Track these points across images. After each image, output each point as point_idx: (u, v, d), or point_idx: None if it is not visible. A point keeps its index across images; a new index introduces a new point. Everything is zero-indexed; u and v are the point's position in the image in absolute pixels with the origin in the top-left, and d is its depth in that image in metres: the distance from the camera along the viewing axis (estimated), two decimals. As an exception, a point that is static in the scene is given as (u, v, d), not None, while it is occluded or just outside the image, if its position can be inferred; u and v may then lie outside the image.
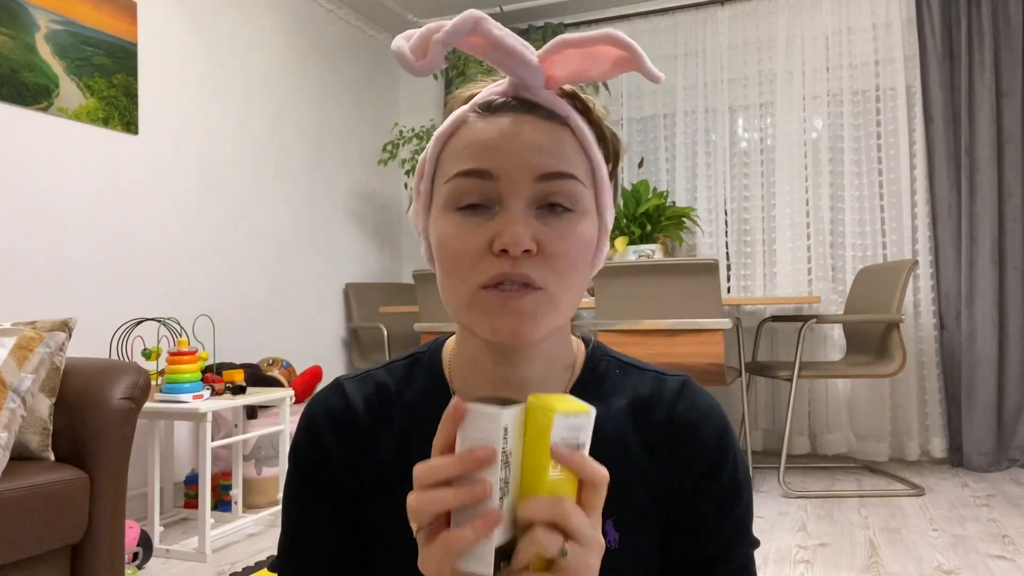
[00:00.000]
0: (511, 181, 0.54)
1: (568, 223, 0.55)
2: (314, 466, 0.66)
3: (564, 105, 0.57)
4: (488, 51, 0.54)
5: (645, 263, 2.87)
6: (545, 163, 0.54)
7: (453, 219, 0.55)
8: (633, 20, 4.06)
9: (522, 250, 0.52)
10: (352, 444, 0.65)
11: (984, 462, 3.25)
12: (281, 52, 3.57)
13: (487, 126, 0.56)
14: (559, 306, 0.56)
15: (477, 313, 0.55)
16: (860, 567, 2.13)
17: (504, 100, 0.57)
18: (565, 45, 0.54)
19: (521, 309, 0.53)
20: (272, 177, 3.48)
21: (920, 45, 3.50)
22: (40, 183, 2.41)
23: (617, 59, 0.55)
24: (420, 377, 0.67)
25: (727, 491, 0.63)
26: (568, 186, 0.55)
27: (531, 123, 0.55)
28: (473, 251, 0.54)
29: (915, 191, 3.50)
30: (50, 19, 2.43)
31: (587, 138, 0.57)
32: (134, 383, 1.80)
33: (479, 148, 0.55)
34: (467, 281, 0.54)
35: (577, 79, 0.57)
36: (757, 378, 3.67)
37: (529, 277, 0.53)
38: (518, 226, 0.52)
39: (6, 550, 1.50)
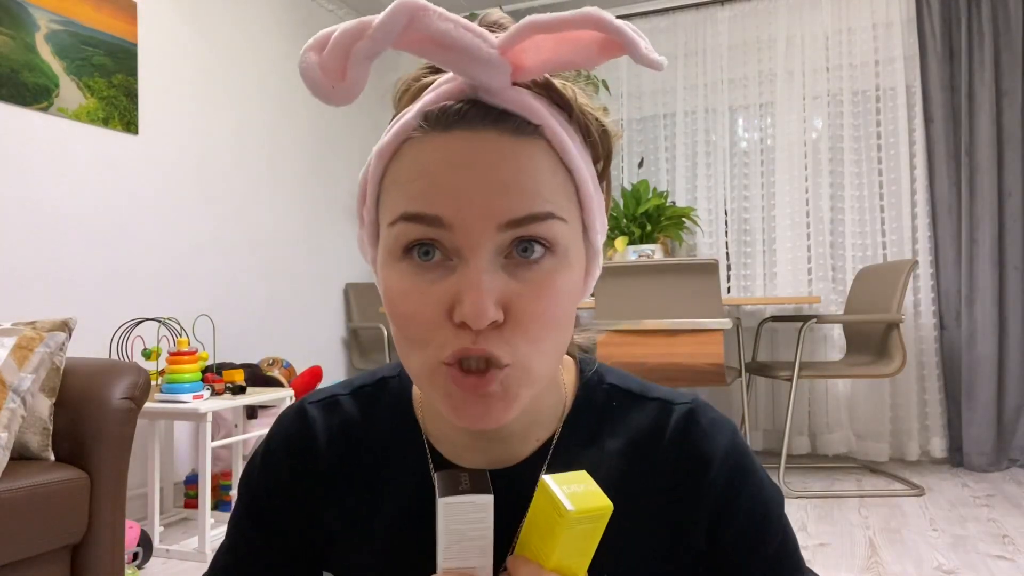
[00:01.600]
0: (468, 231, 0.42)
1: (544, 273, 0.44)
2: (263, 497, 0.59)
3: (536, 107, 0.45)
4: (430, 49, 0.42)
5: (645, 263, 2.87)
6: (511, 207, 0.43)
7: (401, 271, 0.45)
8: (633, 20, 4.06)
9: (487, 323, 0.42)
10: (310, 484, 0.58)
11: (984, 462, 3.25)
12: (281, 52, 3.57)
13: (436, 150, 0.44)
14: (538, 374, 0.46)
15: (440, 393, 0.45)
16: (860, 567, 2.13)
17: (458, 107, 0.44)
18: (534, 29, 0.42)
19: (486, 395, 0.44)
20: (272, 177, 3.48)
21: (920, 45, 3.50)
22: (40, 183, 2.41)
23: (603, 43, 0.43)
24: (389, 413, 0.58)
25: (752, 525, 0.54)
26: (543, 228, 0.44)
27: (493, 145, 0.43)
28: (428, 317, 0.43)
29: (915, 191, 3.50)
30: (50, 19, 2.43)
31: (567, 148, 0.46)
32: (134, 383, 1.80)
33: (425, 185, 0.43)
34: (425, 352, 0.45)
35: (553, 69, 0.45)
36: (757, 378, 3.67)
37: (494, 355, 0.43)
38: (480, 293, 0.41)
39: (6, 550, 1.50)
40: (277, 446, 0.59)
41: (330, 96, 0.43)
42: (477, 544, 0.46)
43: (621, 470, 0.54)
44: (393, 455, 0.57)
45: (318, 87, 0.43)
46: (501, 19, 0.50)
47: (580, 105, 0.49)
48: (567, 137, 0.46)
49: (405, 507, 0.55)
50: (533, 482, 0.48)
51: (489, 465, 0.54)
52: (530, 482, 0.49)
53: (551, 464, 0.54)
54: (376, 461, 0.57)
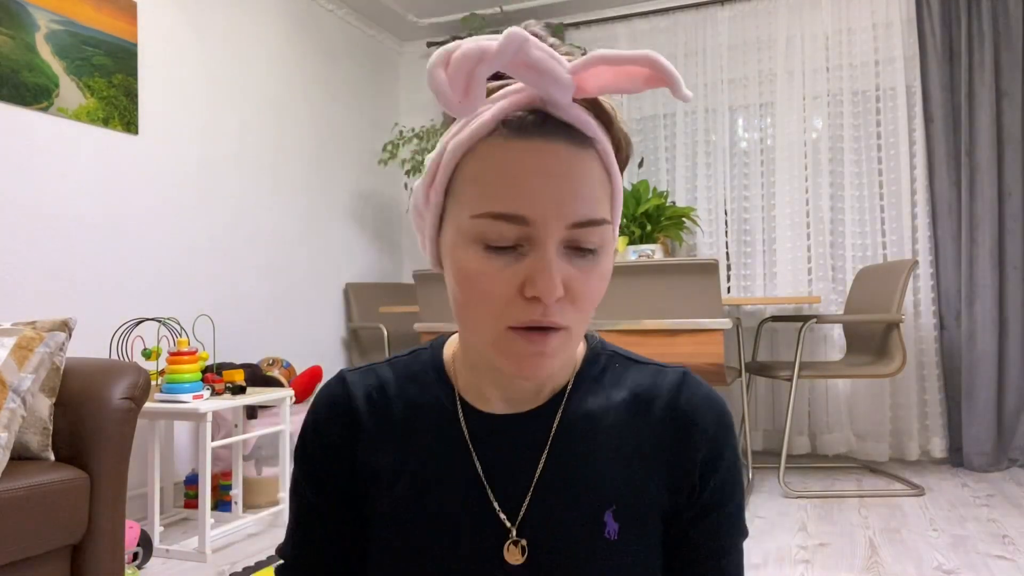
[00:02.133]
0: (545, 226, 0.52)
1: (594, 264, 0.55)
2: (316, 460, 0.67)
3: (591, 124, 0.55)
4: (525, 72, 0.50)
5: (645, 263, 2.87)
6: (579, 211, 0.53)
7: (479, 255, 0.53)
8: (633, 20, 4.06)
9: (556, 299, 0.52)
10: (353, 437, 0.66)
11: (984, 462, 3.25)
12: (281, 52, 3.57)
13: (517, 155, 0.52)
14: (578, 337, 0.57)
15: (502, 352, 0.55)
16: (860, 567, 2.13)
17: (534, 119, 0.53)
18: (599, 62, 0.51)
19: (546, 351, 0.54)
20: (272, 177, 3.48)
21: (920, 45, 3.50)
22: (40, 183, 2.41)
23: (649, 78, 0.52)
24: (422, 374, 0.67)
25: (727, 481, 0.63)
26: (597, 233, 0.54)
27: (563, 155, 0.52)
28: (502, 293, 0.53)
29: (915, 191, 3.50)
30: (50, 19, 2.43)
31: (611, 159, 0.56)
32: (134, 383, 1.81)
33: (511, 185, 0.52)
34: (495, 321, 0.54)
35: (606, 92, 0.55)
36: (757, 378, 3.67)
37: (558, 323, 0.53)
38: (553, 275, 0.51)
39: (6, 550, 1.50)
40: (322, 411, 0.67)
41: (457, 110, 0.51)
42: None
43: (626, 417, 0.63)
44: (426, 408, 0.65)
45: (448, 101, 0.50)
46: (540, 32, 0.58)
47: (619, 123, 0.58)
48: (610, 148, 0.56)
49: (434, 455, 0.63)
50: (547, 423, 0.62)
51: (511, 407, 0.63)
52: (547, 422, 0.62)
53: (565, 407, 0.63)
54: (410, 415, 0.65)
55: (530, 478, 0.61)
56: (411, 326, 3.30)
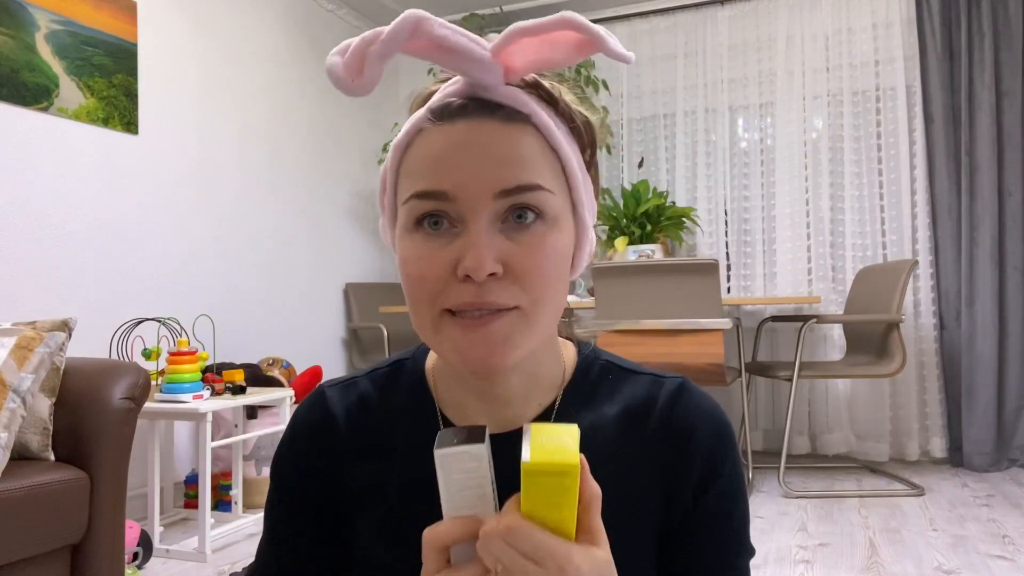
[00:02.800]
0: (469, 200, 0.50)
1: (536, 235, 0.51)
2: (291, 481, 0.65)
3: (526, 100, 0.52)
4: (433, 53, 0.49)
5: (645, 263, 2.87)
6: (504, 177, 0.50)
7: (413, 240, 0.52)
8: (633, 20, 4.06)
9: (486, 274, 0.49)
10: (331, 458, 0.63)
11: (984, 462, 3.25)
12: (281, 52, 3.57)
13: (441, 137, 0.51)
14: (536, 323, 0.52)
15: (444, 340, 0.52)
16: (860, 567, 2.13)
17: (460, 103, 0.52)
18: (520, 34, 0.49)
19: (491, 335, 0.50)
20: (272, 177, 3.48)
21: (920, 45, 3.50)
22: (40, 183, 2.41)
23: (579, 42, 0.50)
24: (403, 387, 0.65)
25: (726, 497, 0.60)
26: (533, 198, 0.51)
27: (488, 129, 0.51)
28: (436, 275, 0.51)
29: (915, 191, 3.50)
30: (50, 19, 2.43)
31: (553, 134, 0.53)
32: (134, 383, 1.80)
33: (432, 166, 0.51)
34: (432, 306, 0.52)
35: (538, 68, 0.53)
36: (757, 378, 3.67)
37: (495, 303, 0.50)
38: (481, 249, 0.49)
39: (6, 550, 1.50)
40: (300, 431, 0.65)
41: (350, 88, 0.50)
42: (476, 492, 0.48)
43: (617, 434, 0.60)
44: (406, 423, 0.63)
45: (340, 82, 0.50)
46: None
47: (565, 100, 0.56)
48: (553, 125, 0.53)
49: (417, 469, 0.60)
50: None
51: (495, 427, 0.59)
52: None
53: None
54: (391, 430, 0.63)
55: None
56: (411, 326, 3.30)
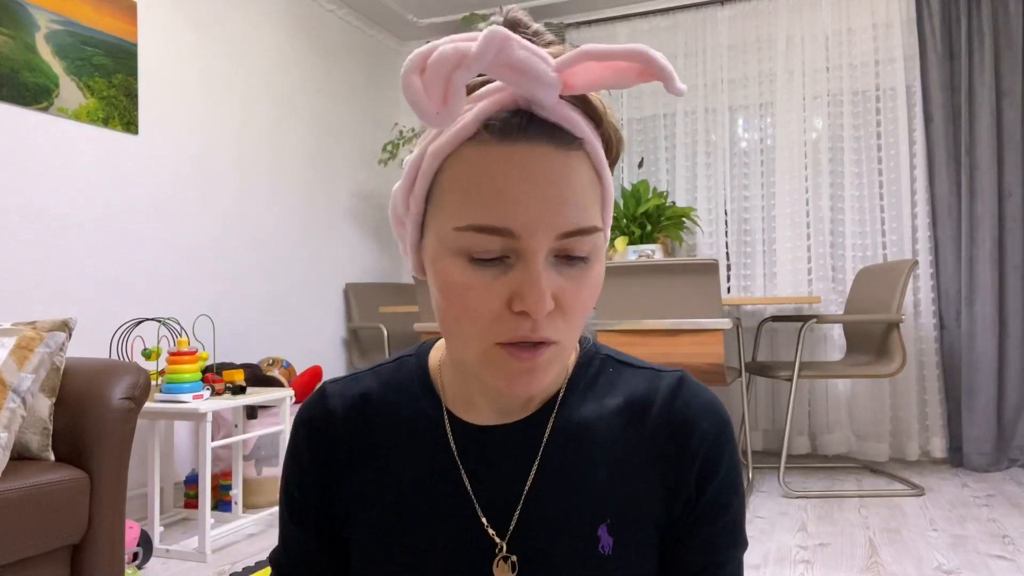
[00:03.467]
0: (533, 238, 0.49)
1: (585, 272, 0.52)
2: (294, 484, 0.65)
3: (579, 122, 0.51)
4: (509, 74, 0.47)
5: (645, 263, 2.87)
6: (568, 220, 0.49)
7: (464, 268, 0.50)
8: (633, 20, 4.06)
9: (546, 313, 0.49)
10: (331, 457, 0.63)
11: (984, 462, 3.25)
12: (281, 52, 3.57)
13: (500, 162, 0.49)
14: (567, 351, 0.54)
15: (490, 369, 0.52)
16: (860, 567, 2.13)
17: (518, 121, 0.50)
18: (587, 58, 0.48)
19: (536, 367, 0.51)
20: (272, 177, 3.48)
21: (920, 45, 3.50)
22: (40, 183, 2.41)
23: (641, 72, 0.49)
24: (408, 384, 0.64)
25: (725, 489, 0.60)
26: (590, 241, 0.51)
27: (550, 159, 0.49)
28: (490, 308, 0.50)
29: (915, 191, 3.50)
30: (50, 19, 2.43)
31: (600, 160, 0.53)
32: (134, 383, 1.81)
33: (496, 197, 0.48)
34: (482, 336, 0.51)
35: (595, 89, 0.51)
36: (757, 378, 3.67)
37: (549, 339, 0.51)
38: (542, 289, 0.48)
39: (6, 550, 1.50)
40: (300, 431, 0.65)
41: (434, 120, 0.47)
42: None
43: (620, 425, 0.60)
44: (411, 419, 0.62)
45: (424, 111, 0.46)
46: (524, 19, 0.54)
47: (608, 120, 0.54)
48: (600, 149, 0.53)
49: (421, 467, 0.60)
50: (537, 433, 0.59)
51: (501, 420, 0.60)
52: (538, 431, 0.59)
53: (557, 415, 0.60)
54: (394, 426, 0.62)
55: (520, 491, 0.58)
56: (411, 326, 3.30)
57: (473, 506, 0.58)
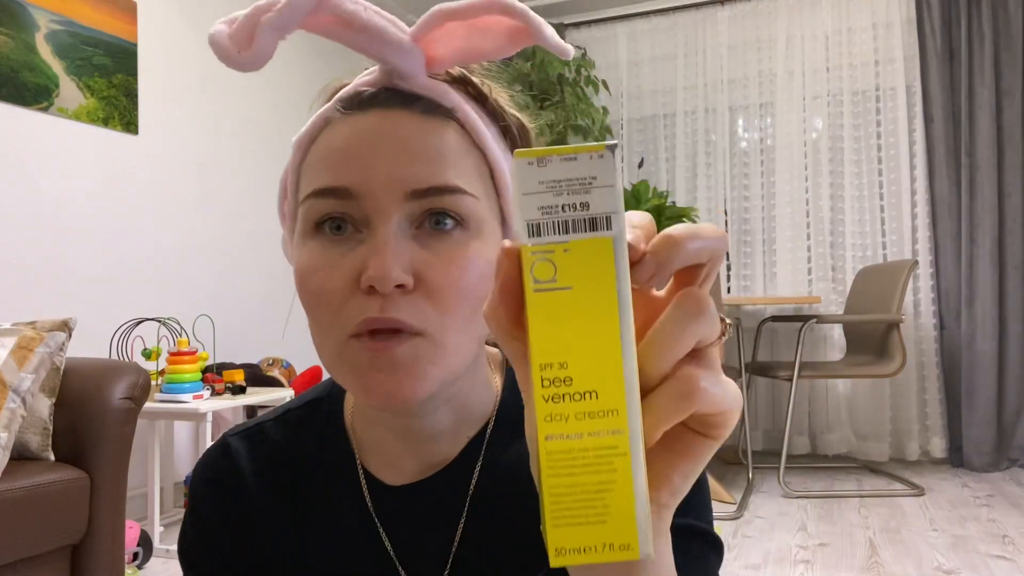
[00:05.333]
0: (376, 199, 0.42)
1: (456, 244, 0.43)
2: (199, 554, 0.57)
3: (450, 93, 0.46)
4: (342, 32, 0.43)
5: (645, 263, 2.87)
6: (418, 174, 0.43)
7: (311, 248, 0.44)
8: (633, 20, 4.06)
9: (393, 285, 0.41)
10: (242, 520, 0.55)
11: (984, 462, 3.25)
12: (281, 51, 3.55)
13: (348, 128, 0.45)
14: (447, 353, 0.44)
15: (346, 369, 0.44)
16: (860, 567, 2.13)
17: (373, 92, 0.46)
18: (445, 17, 0.43)
19: (394, 362, 0.42)
20: (272, 177, 3.48)
21: (920, 45, 3.50)
22: (40, 183, 2.41)
23: (512, 31, 0.44)
24: (317, 431, 0.56)
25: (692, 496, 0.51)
26: (452, 201, 0.43)
27: (403, 121, 0.44)
28: (337, 289, 0.43)
29: (915, 191, 3.50)
30: (50, 19, 2.43)
31: (479, 131, 0.46)
32: (134, 383, 1.80)
33: (335, 159, 0.44)
34: (333, 328, 0.43)
35: (466, 59, 0.46)
36: (757, 378, 3.67)
37: (403, 321, 0.42)
38: (387, 254, 0.41)
39: (6, 550, 1.50)
40: (204, 501, 0.57)
41: (235, 61, 0.44)
42: None
43: None
44: (325, 475, 0.55)
45: (224, 52, 0.43)
46: None
47: (496, 99, 0.50)
48: (481, 124, 0.47)
49: (339, 522, 0.54)
50: (463, 482, 0.51)
51: (421, 469, 0.52)
52: (463, 479, 0.51)
53: (485, 458, 0.52)
54: (308, 484, 0.55)
55: (448, 550, 0.52)
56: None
57: (397, 569, 0.52)
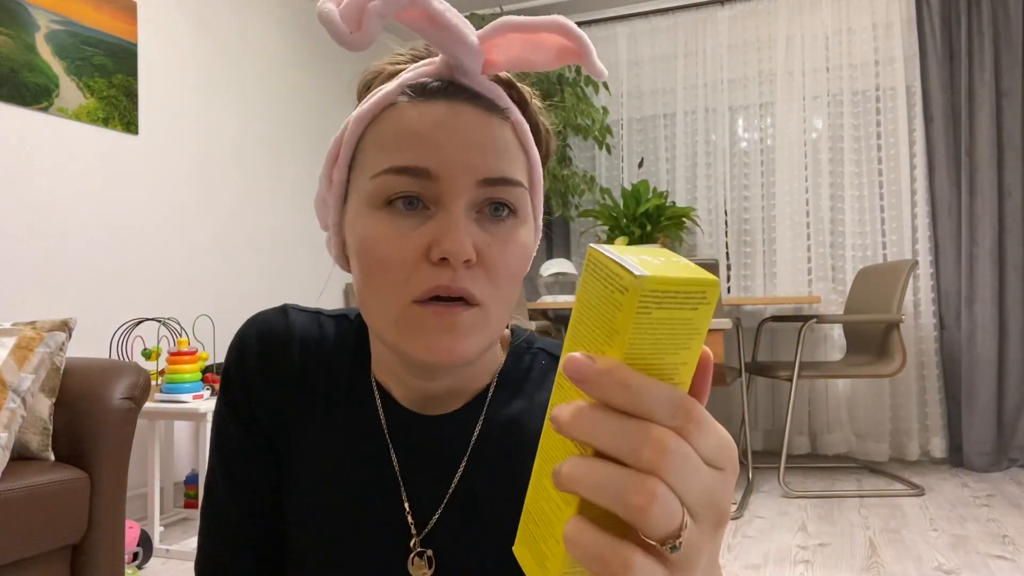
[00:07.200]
0: (452, 182, 0.47)
1: (510, 230, 0.49)
2: (238, 391, 0.60)
3: (503, 95, 0.51)
4: (425, 26, 0.47)
5: (645, 263, 2.87)
6: (489, 165, 0.48)
7: (380, 219, 0.48)
8: (633, 20, 4.06)
9: (464, 259, 0.46)
10: (283, 385, 0.59)
11: (984, 462, 3.25)
12: (281, 52, 3.57)
13: (421, 114, 0.48)
14: (493, 322, 0.49)
15: (408, 330, 0.47)
16: (860, 567, 2.13)
17: (440, 84, 0.50)
18: (509, 28, 0.48)
19: (456, 326, 0.47)
20: (272, 177, 3.48)
21: (920, 45, 3.50)
22: (40, 183, 2.41)
23: (562, 49, 0.49)
24: (354, 345, 0.61)
25: None
26: (513, 193, 0.49)
27: (471, 115, 0.49)
28: (406, 258, 0.47)
29: (915, 191, 3.50)
30: (50, 19, 2.43)
31: (526, 136, 0.52)
32: (134, 383, 1.80)
33: (415, 141, 0.47)
34: (398, 293, 0.47)
35: (518, 67, 0.51)
36: (757, 378, 3.67)
37: (469, 292, 0.47)
38: (461, 232, 0.46)
39: (6, 550, 1.50)
40: (251, 338, 0.60)
41: (348, 41, 0.46)
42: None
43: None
44: (347, 380, 0.59)
45: (338, 31, 0.46)
46: None
47: (534, 106, 0.55)
48: (526, 125, 0.52)
49: (354, 430, 0.58)
50: (467, 428, 0.56)
51: (427, 408, 0.57)
52: (467, 428, 0.56)
53: (487, 412, 0.57)
54: (334, 382, 0.59)
55: (446, 487, 0.56)
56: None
57: (400, 494, 0.56)
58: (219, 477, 0.61)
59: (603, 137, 3.83)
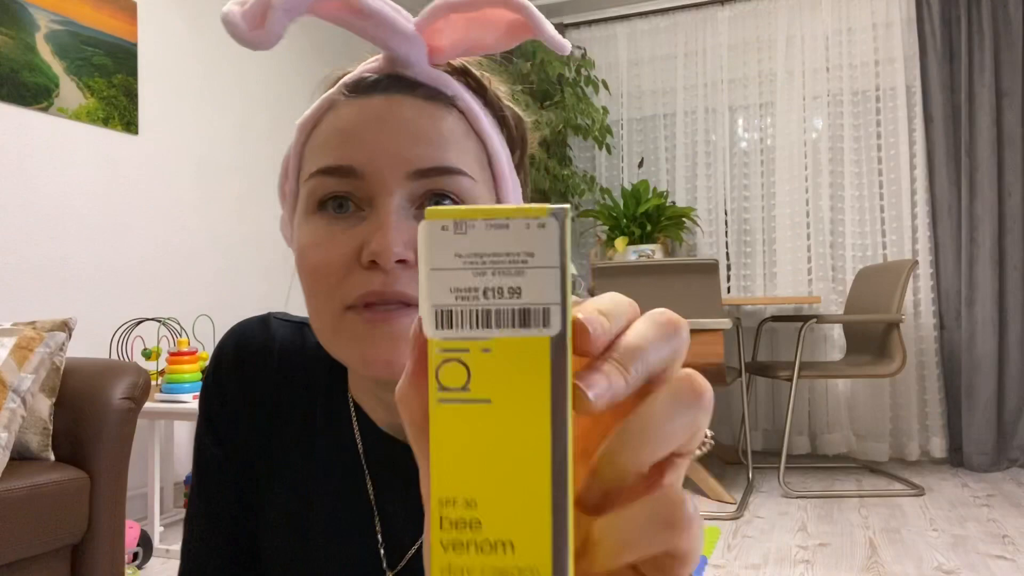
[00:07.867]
0: (380, 178, 0.44)
1: None
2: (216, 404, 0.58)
3: (451, 82, 0.48)
4: (350, 18, 0.45)
5: (645, 263, 2.87)
6: (421, 155, 0.44)
7: (315, 224, 0.46)
8: (633, 20, 4.06)
9: (395, 260, 0.42)
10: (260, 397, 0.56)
11: (984, 462, 3.25)
12: (281, 52, 3.57)
13: (358, 112, 0.46)
14: None
15: (343, 340, 0.45)
16: (860, 567, 2.13)
17: (377, 78, 0.47)
18: (448, 9, 0.44)
19: (395, 334, 0.43)
20: (272, 176, 3.47)
21: (920, 45, 3.50)
22: (40, 183, 2.41)
23: (512, 24, 0.46)
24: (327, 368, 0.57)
25: None
26: (453, 183, 0.45)
27: (406, 105, 0.46)
28: (337, 263, 0.44)
29: (915, 191, 3.50)
30: (50, 19, 2.43)
31: (480, 120, 0.48)
32: (134, 383, 1.80)
33: (342, 139, 0.45)
34: (331, 300, 0.44)
35: (467, 51, 0.48)
36: (757, 378, 3.67)
37: (406, 295, 0.43)
38: (389, 230, 0.42)
39: (6, 550, 1.50)
40: (229, 349, 0.58)
41: (247, 39, 0.45)
42: None
43: None
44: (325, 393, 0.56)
45: (237, 29, 0.45)
46: None
47: (494, 91, 0.51)
48: (480, 112, 0.49)
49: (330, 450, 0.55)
50: None
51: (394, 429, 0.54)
52: None
53: None
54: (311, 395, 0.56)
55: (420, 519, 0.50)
56: (411, 326, 3.30)
57: (374, 523, 0.53)
58: (194, 494, 0.59)
59: (603, 137, 3.83)
